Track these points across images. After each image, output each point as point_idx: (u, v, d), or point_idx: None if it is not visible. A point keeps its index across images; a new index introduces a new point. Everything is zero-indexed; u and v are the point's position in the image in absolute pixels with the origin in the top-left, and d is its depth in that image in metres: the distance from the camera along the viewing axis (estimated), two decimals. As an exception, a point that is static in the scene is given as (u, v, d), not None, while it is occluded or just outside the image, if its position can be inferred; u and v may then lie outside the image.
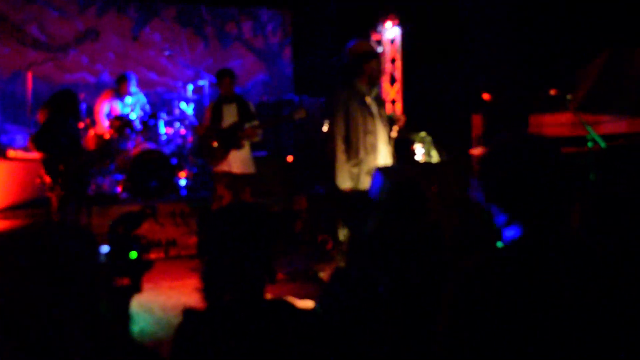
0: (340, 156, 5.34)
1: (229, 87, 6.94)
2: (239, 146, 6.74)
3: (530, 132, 1.81)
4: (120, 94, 8.77)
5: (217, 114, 6.86)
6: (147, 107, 8.95)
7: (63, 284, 1.02)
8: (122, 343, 1.25)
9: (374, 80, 5.50)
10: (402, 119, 5.56)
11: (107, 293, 1.13)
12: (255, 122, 6.88)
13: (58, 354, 0.98)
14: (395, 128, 5.46)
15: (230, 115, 6.84)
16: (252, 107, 7.00)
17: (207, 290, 1.95)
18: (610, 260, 1.61)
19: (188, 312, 1.91)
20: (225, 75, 6.98)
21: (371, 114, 5.39)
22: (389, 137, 5.46)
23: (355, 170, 5.31)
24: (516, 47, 8.25)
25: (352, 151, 5.33)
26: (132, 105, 8.74)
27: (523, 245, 1.65)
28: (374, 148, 5.34)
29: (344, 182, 5.30)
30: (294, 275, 6.33)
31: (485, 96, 5.88)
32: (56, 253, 1.06)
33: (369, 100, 5.40)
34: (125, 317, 1.42)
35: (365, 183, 5.29)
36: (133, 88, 8.84)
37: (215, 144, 6.75)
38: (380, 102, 5.59)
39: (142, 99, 9.00)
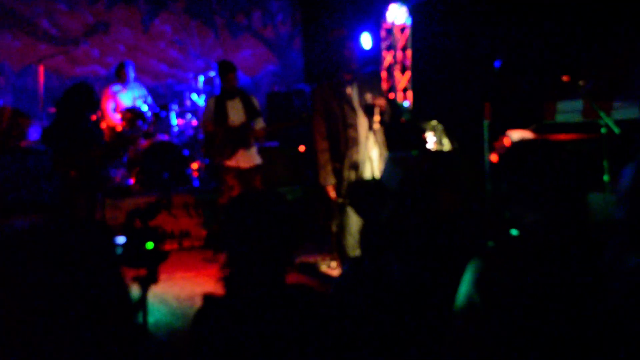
0: (321, 155, 5.36)
1: (232, 81, 6.82)
2: (247, 146, 6.70)
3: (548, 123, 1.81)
4: (121, 82, 8.80)
5: (222, 110, 6.75)
6: (150, 98, 8.95)
7: (80, 278, 1.03)
8: (140, 334, 1.25)
9: (352, 65, 5.40)
10: (382, 102, 5.41)
11: (125, 284, 1.13)
12: (261, 120, 6.83)
13: (76, 349, 0.99)
14: (376, 118, 5.36)
15: (234, 111, 6.75)
16: (256, 102, 6.90)
17: (229, 277, 1.95)
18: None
19: (208, 299, 1.91)
20: (230, 70, 6.83)
21: (351, 106, 5.34)
22: (371, 127, 5.38)
23: (337, 165, 5.33)
24: (529, 32, 8.19)
25: (334, 146, 5.34)
26: (140, 96, 8.78)
27: (540, 232, 1.65)
28: (355, 141, 5.32)
29: (327, 180, 5.34)
30: (296, 267, 6.31)
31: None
32: (72, 248, 1.06)
33: (349, 90, 5.34)
34: (143, 308, 1.42)
35: (350, 177, 5.30)
36: (132, 74, 8.88)
37: (223, 142, 6.66)
38: (368, 88, 5.43)
39: (142, 90, 9.02)
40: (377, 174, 5.28)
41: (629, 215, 1.10)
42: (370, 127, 5.35)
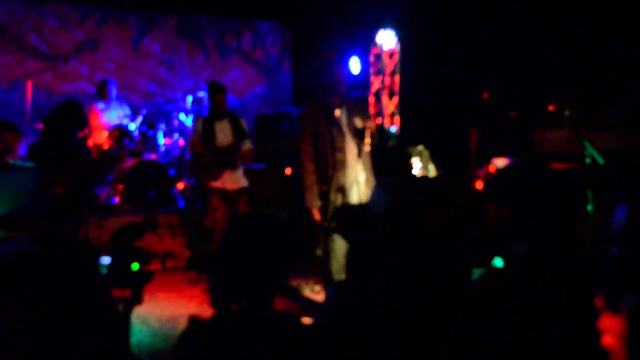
0: (308, 177, 5.36)
1: (222, 103, 6.79)
2: (234, 167, 6.66)
3: (536, 158, 1.79)
4: (104, 99, 8.82)
5: (210, 131, 6.72)
6: (131, 117, 8.98)
7: (65, 299, 1.02)
8: (124, 356, 1.25)
9: (340, 88, 5.42)
10: (372, 126, 5.43)
11: (110, 306, 1.12)
12: (248, 143, 6.81)
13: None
14: (367, 141, 5.37)
15: (223, 133, 6.72)
16: (244, 124, 6.87)
17: (216, 298, 1.94)
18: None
19: (193, 321, 1.90)
20: (220, 91, 6.81)
21: (340, 129, 5.35)
22: (360, 151, 5.40)
23: (324, 188, 5.33)
24: (516, 61, 8.28)
25: (321, 169, 5.34)
26: (125, 115, 8.82)
27: (528, 264, 1.64)
28: (342, 164, 5.32)
29: (313, 202, 5.33)
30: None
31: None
32: (59, 273, 1.05)
33: (338, 113, 5.36)
34: (126, 329, 1.42)
35: (337, 200, 5.31)
36: (114, 92, 8.91)
37: (210, 163, 6.63)
38: (357, 112, 5.44)
39: (126, 109, 9.03)
40: (364, 199, 5.28)
41: (624, 255, 1.10)
42: (360, 152, 5.36)
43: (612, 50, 7.49)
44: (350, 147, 5.37)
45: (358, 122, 5.34)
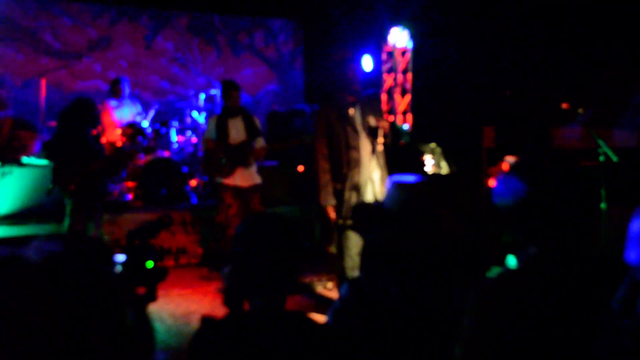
0: (322, 176, 5.36)
1: (236, 100, 6.76)
2: (246, 165, 6.65)
3: (548, 149, 1.73)
4: (116, 97, 8.84)
5: (223, 129, 6.70)
6: (143, 115, 9.00)
7: (84, 300, 1.03)
8: (150, 353, 1.26)
9: (355, 87, 5.41)
10: (386, 125, 5.44)
11: (128, 304, 1.13)
12: (261, 140, 6.80)
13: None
14: (380, 140, 5.38)
15: (236, 130, 6.71)
16: (257, 122, 6.85)
17: (229, 297, 1.95)
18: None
19: (206, 321, 1.91)
20: (234, 89, 6.78)
21: (354, 127, 5.36)
22: (374, 149, 5.41)
23: (339, 186, 5.33)
24: (531, 59, 8.24)
25: (335, 167, 5.35)
26: (138, 112, 8.85)
27: (542, 265, 1.62)
28: (357, 162, 5.32)
29: (327, 200, 5.34)
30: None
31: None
32: (84, 272, 1.06)
33: (352, 112, 5.36)
34: (148, 327, 1.43)
35: (351, 198, 5.31)
36: (127, 90, 8.92)
37: (223, 160, 6.62)
38: (370, 110, 5.45)
39: (138, 107, 9.05)
40: (379, 196, 5.28)
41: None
42: (374, 150, 5.37)
43: (631, 49, 7.44)
44: (364, 145, 5.37)
45: (372, 121, 5.34)
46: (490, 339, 1.53)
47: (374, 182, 5.38)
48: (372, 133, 5.36)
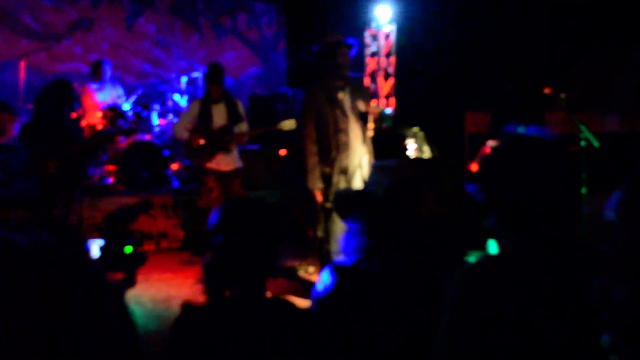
0: (310, 159, 5.36)
1: (220, 85, 6.70)
2: (226, 150, 6.59)
3: (538, 131, 1.65)
4: (97, 80, 8.74)
5: (206, 113, 6.63)
6: (124, 98, 8.89)
7: (64, 289, 1.00)
8: (132, 339, 1.23)
9: (344, 71, 5.42)
10: (376, 111, 5.45)
11: (106, 290, 1.11)
12: (244, 125, 6.74)
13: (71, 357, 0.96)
14: (370, 125, 5.39)
15: (219, 115, 6.65)
16: (241, 108, 6.78)
17: (209, 283, 1.94)
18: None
19: (187, 307, 1.89)
20: (220, 73, 6.69)
21: (343, 111, 5.35)
22: (363, 134, 5.40)
23: (327, 169, 5.32)
24: (516, 43, 8.24)
25: (324, 151, 5.34)
26: (118, 95, 8.76)
27: (527, 254, 1.58)
28: (346, 146, 5.33)
29: (315, 184, 5.33)
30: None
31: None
32: (69, 261, 1.04)
33: (341, 96, 5.35)
34: (126, 312, 1.40)
35: (340, 182, 5.31)
36: (108, 72, 8.82)
37: (202, 144, 6.55)
38: (359, 95, 5.48)
39: (119, 90, 8.95)
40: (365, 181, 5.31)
41: (618, 248, 1.06)
42: (364, 135, 5.38)
43: (618, 37, 7.46)
44: (354, 129, 5.37)
45: (361, 106, 5.35)
46: (469, 331, 1.51)
47: (362, 167, 5.39)
48: (362, 118, 5.37)
